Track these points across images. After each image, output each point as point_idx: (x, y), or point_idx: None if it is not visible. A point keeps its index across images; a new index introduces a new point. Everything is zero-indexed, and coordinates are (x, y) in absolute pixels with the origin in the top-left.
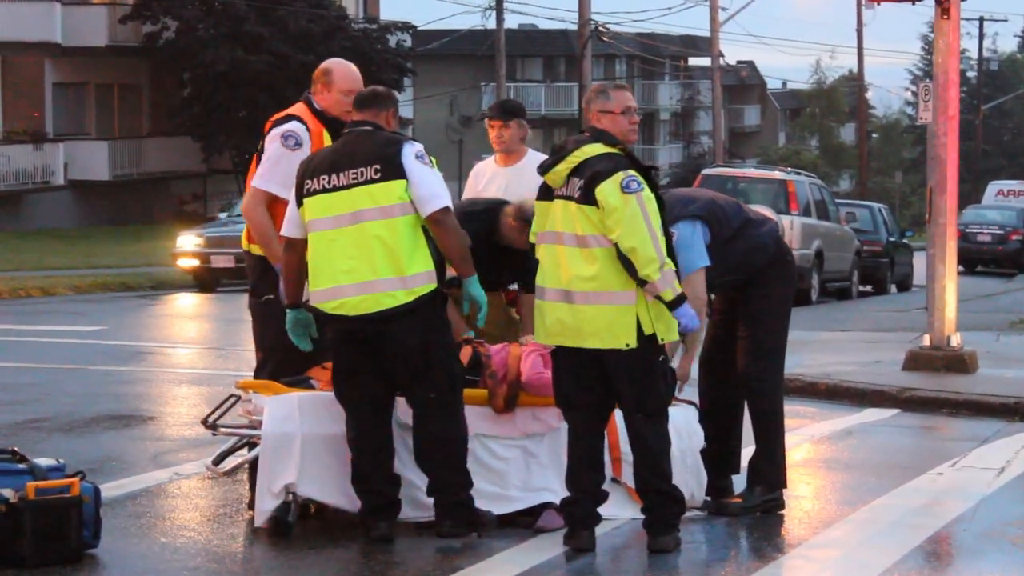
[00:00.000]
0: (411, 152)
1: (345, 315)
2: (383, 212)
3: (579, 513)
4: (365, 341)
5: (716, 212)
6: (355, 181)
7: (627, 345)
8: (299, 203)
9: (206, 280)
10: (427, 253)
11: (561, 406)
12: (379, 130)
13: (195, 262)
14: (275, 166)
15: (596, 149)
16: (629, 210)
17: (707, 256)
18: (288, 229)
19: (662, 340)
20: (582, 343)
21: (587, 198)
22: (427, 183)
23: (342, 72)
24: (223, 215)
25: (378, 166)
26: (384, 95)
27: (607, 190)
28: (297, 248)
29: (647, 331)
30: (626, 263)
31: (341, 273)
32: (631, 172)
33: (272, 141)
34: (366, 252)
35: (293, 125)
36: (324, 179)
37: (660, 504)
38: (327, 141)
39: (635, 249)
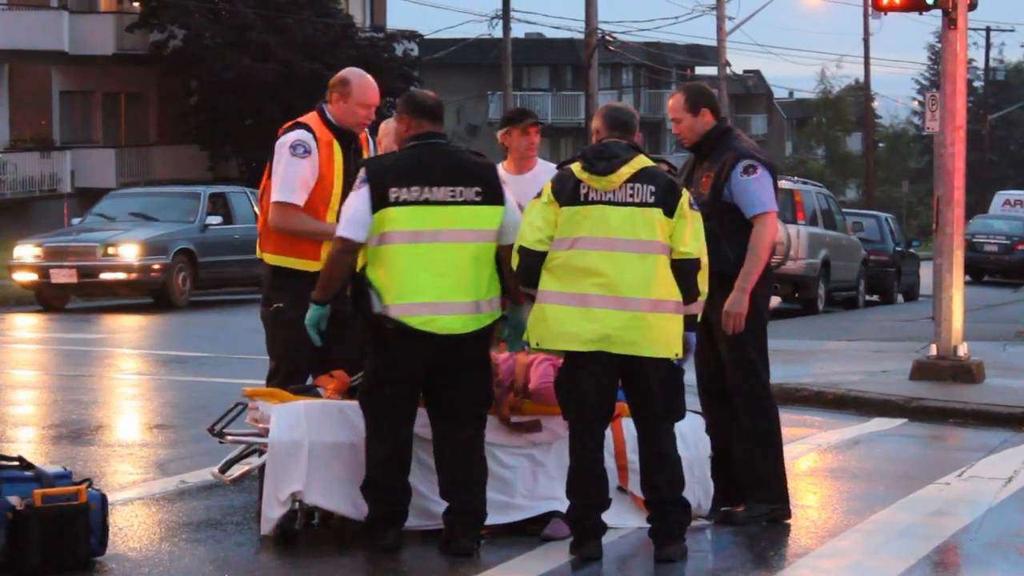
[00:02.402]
0: (500, 177)
1: (433, 332)
2: (482, 235)
3: (587, 523)
4: (437, 358)
5: (777, 181)
6: (454, 199)
7: (676, 355)
8: (375, 209)
9: (48, 297)
10: (497, 278)
11: (574, 414)
12: (460, 147)
13: (33, 276)
14: (287, 176)
15: (647, 160)
16: (699, 224)
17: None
18: (352, 231)
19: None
20: (635, 351)
21: (665, 204)
22: (516, 212)
23: (361, 85)
24: (76, 220)
25: (479, 188)
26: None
27: (687, 202)
28: (354, 251)
29: None
30: (680, 274)
31: (433, 290)
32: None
33: (281, 152)
34: (461, 272)
35: (300, 134)
36: (416, 190)
37: (671, 513)
38: (336, 151)
39: (703, 265)
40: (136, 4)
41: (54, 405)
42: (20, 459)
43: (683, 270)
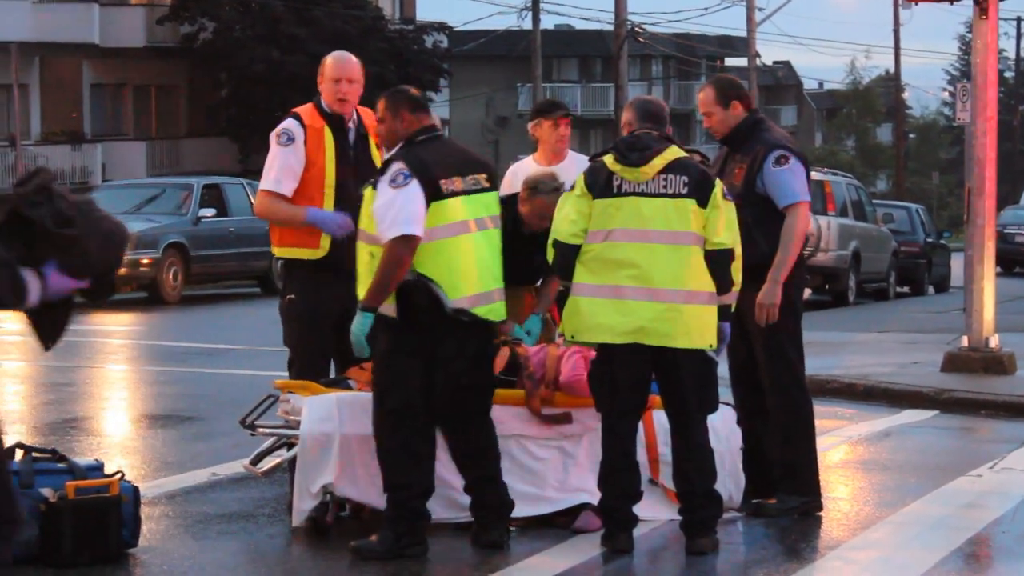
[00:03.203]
0: None
1: (491, 321)
2: (497, 222)
3: (618, 515)
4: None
5: (808, 171)
6: (477, 187)
7: (711, 346)
8: (429, 203)
9: None
10: None
11: (607, 406)
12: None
13: None
14: (270, 165)
15: (680, 151)
16: (733, 215)
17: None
18: (417, 227)
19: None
20: (669, 342)
21: (699, 195)
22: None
23: (331, 61)
24: None
25: (487, 175)
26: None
27: (720, 192)
28: (416, 247)
29: None
30: (714, 265)
31: (491, 278)
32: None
33: (271, 143)
34: (496, 258)
35: (287, 122)
36: (458, 181)
37: (702, 506)
38: (328, 138)
39: (736, 255)
40: None
41: (80, 397)
42: (53, 451)
43: (717, 261)
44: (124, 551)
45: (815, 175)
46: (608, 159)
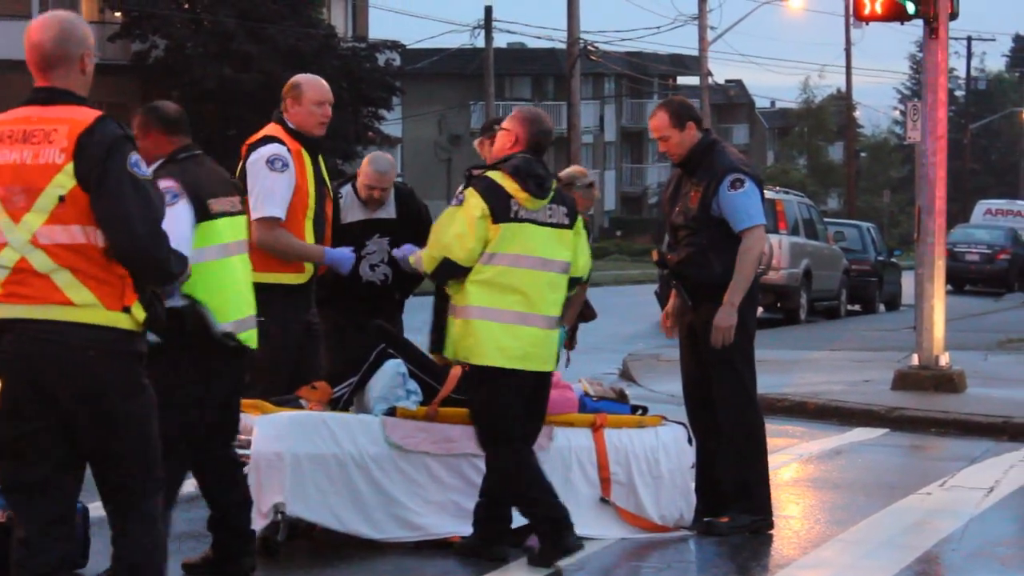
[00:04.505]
0: None
1: (250, 348)
2: (246, 247)
3: (565, 519)
4: None
5: (763, 192)
6: (235, 209)
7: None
8: (199, 222)
9: None
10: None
11: (505, 436)
12: None
13: None
14: (271, 191)
15: (555, 182)
16: (586, 241)
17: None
18: (188, 248)
19: None
20: (544, 367)
21: (572, 224)
22: None
23: (311, 83)
24: None
25: (240, 198)
26: None
27: (582, 220)
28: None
29: None
30: (570, 290)
31: (247, 304)
32: None
33: (257, 169)
34: (250, 284)
35: (276, 148)
36: (225, 201)
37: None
38: (306, 159)
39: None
40: (117, 14)
41: None
42: None
43: (573, 287)
44: (73, 571)
45: (767, 194)
46: (508, 184)
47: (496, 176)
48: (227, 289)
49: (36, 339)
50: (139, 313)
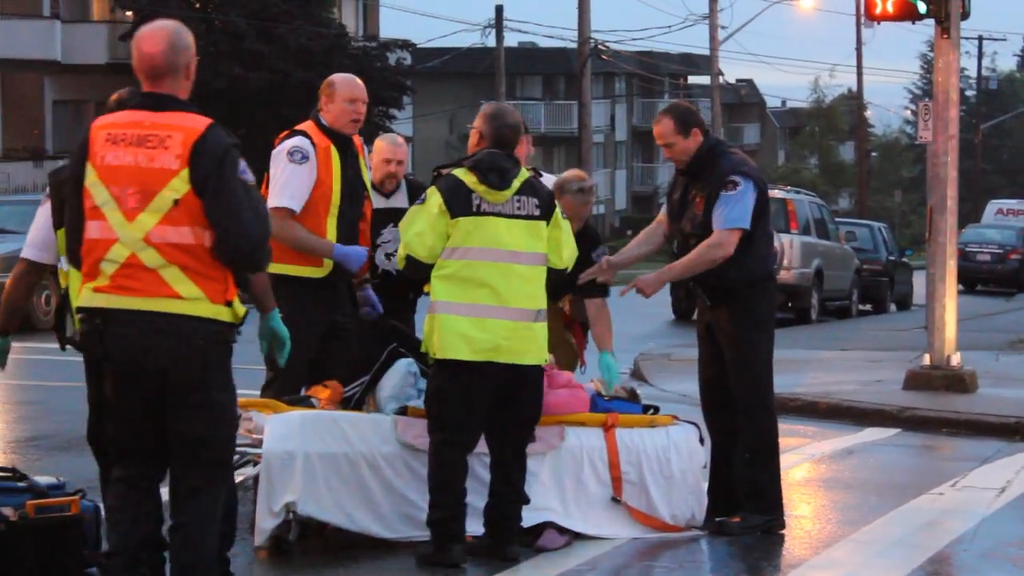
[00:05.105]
0: None
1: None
2: None
3: (456, 527)
4: None
5: (766, 193)
6: None
7: (545, 360)
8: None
9: None
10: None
11: (460, 420)
12: None
13: None
14: (287, 182)
15: (527, 173)
16: (571, 232)
17: (750, 221)
18: None
19: None
20: (520, 360)
21: (547, 216)
22: None
23: (346, 82)
24: None
25: None
26: None
27: (559, 212)
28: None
29: None
30: (551, 283)
31: None
32: None
33: (278, 158)
34: None
35: (298, 140)
36: None
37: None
38: (334, 157)
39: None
40: (129, 13)
41: (42, 416)
42: (13, 470)
43: (555, 280)
44: (86, 570)
45: (778, 193)
46: (468, 178)
47: (459, 172)
48: None
49: (148, 329)
50: (239, 308)
